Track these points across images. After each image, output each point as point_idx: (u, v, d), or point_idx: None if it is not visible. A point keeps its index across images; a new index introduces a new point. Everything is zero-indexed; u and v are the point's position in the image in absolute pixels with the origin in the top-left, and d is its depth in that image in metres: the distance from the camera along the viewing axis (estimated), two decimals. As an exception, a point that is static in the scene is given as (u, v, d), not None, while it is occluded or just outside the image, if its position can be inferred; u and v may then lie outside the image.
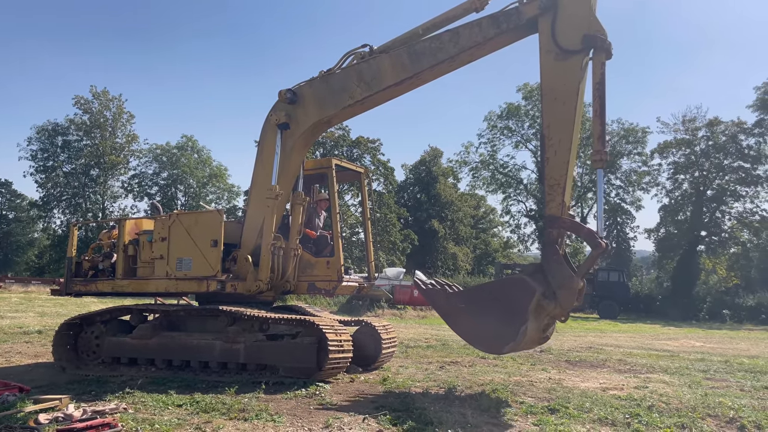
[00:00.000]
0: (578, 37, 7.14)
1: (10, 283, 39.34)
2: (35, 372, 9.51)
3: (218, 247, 9.12)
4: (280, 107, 9.27)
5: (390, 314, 27.71)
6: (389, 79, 8.47)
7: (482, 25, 7.83)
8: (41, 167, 61.90)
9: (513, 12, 7.66)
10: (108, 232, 11.05)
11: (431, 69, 8.26)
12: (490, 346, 7.86)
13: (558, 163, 7.28)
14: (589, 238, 7.14)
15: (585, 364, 11.85)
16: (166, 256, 9.43)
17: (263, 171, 9.38)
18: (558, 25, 7.26)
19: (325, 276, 9.67)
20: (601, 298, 36.10)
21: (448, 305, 8.06)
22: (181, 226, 9.42)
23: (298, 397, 7.65)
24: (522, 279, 7.32)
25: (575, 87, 7.23)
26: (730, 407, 7.55)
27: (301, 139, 9.36)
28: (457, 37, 7.96)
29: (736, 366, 12.17)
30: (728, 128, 45.82)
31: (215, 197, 67.15)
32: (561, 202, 7.24)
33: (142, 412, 6.71)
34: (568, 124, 7.25)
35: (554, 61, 7.31)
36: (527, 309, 7.04)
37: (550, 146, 7.33)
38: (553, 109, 7.33)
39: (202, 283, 9.14)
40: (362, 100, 8.74)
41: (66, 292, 10.56)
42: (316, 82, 9.16)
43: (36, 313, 20.92)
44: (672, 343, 18.95)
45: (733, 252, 48.18)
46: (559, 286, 7.12)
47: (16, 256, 75.47)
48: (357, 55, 8.94)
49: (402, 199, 59.12)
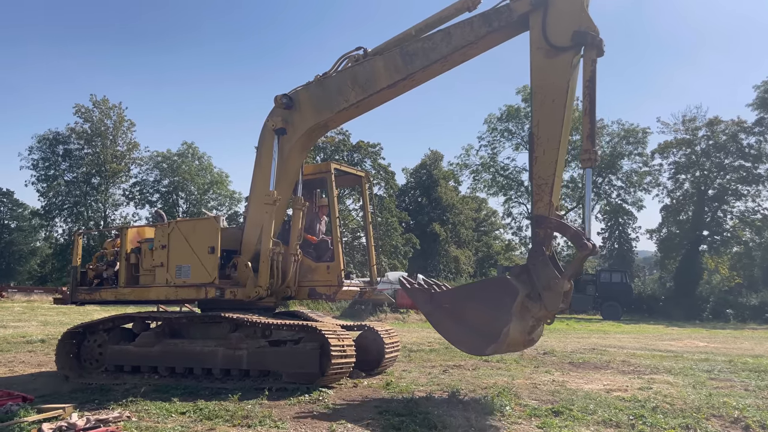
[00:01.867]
0: (568, 33, 7.00)
1: (13, 292, 39.38)
2: (38, 381, 9.51)
3: (215, 254, 9.11)
4: (276, 112, 9.29)
5: (393, 318, 27.68)
6: (383, 81, 8.42)
7: (474, 23, 7.74)
8: (43, 176, 62.05)
9: (504, 9, 7.55)
10: (112, 240, 11.09)
11: (424, 70, 8.18)
12: (473, 347, 7.53)
13: (546, 162, 7.12)
14: (575, 239, 6.90)
15: (588, 366, 11.83)
16: (166, 263, 9.45)
17: (262, 177, 9.40)
18: (549, 21, 7.13)
19: (326, 281, 9.64)
20: (604, 299, 35.98)
21: (431, 305, 7.86)
22: (180, 233, 9.44)
23: (302, 403, 7.64)
24: (505, 279, 7.14)
25: (565, 84, 7.10)
26: (735, 407, 7.53)
27: (299, 144, 9.36)
28: (449, 36, 7.87)
29: (740, 366, 12.14)
30: (728, 127, 45.83)
31: (216, 204, 67.23)
32: (549, 201, 7.07)
33: (146, 420, 6.71)
34: (557, 122, 7.10)
35: (544, 58, 7.18)
36: (510, 310, 6.84)
37: (539, 145, 7.18)
38: (543, 106, 7.19)
39: (201, 290, 9.15)
40: (357, 103, 8.71)
41: (71, 301, 10.58)
42: (312, 87, 9.16)
43: (39, 322, 20.93)
44: (675, 343, 18.92)
45: (735, 251, 48.15)
46: (544, 288, 6.89)
47: (18, 266, 75.59)
48: (351, 58, 8.91)
49: (403, 202, 59.18)
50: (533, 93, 7.37)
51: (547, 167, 7.11)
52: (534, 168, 7.20)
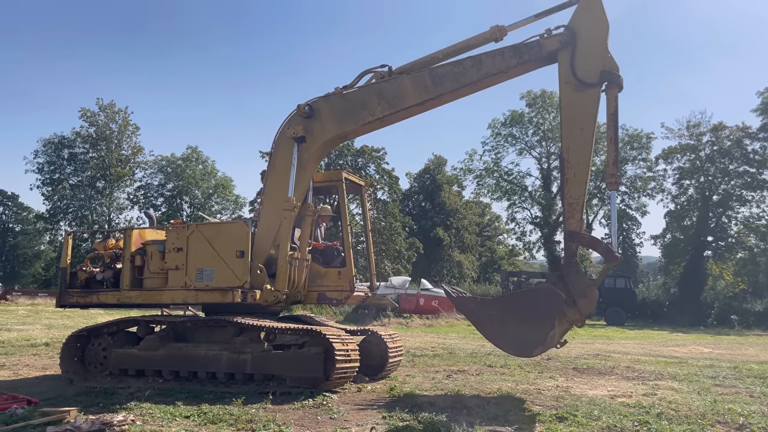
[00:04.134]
0: (596, 71, 7.86)
1: (17, 295, 39.55)
2: (43, 384, 9.53)
3: (245, 257, 9.06)
4: (297, 121, 9.40)
5: (396, 323, 27.65)
6: (411, 99, 8.83)
7: (504, 54, 8.40)
8: (48, 180, 62.34)
9: (534, 44, 8.28)
10: (102, 241, 10.74)
11: (453, 92, 8.70)
12: (519, 349, 8.29)
13: (577, 184, 7.95)
14: (606, 253, 7.81)
15: (593, 372, 11.80)
16: (184, 266, 9.32)
17: (276, 183, 9.48)
18: (577, 59, 7.96)
19: (337, 286, 9.92)
20: (608, 305, 35.83)
21: (480, 313, 8.50)
22: (201, 236, 9.34)
23: (306, 408, 7.64)
24: (551, 288, 7.79)
25: (592, 115, 7.97)
26: (740, 414, 7.50)
27: (316, 153, 9.56)
28: (480, 64, 8.48)
29: (745, 372, 12.08)
30: (733, 133, 45.67)
31: (221, 208, 67.38)
32: (580, 218, 7.90)
33: (150, 423, 6.73)
34: (586, 148, 7.95)
35: (574, 91, 7.99)
36: (555, 315, 7.60)
37: (569, 168, 8.00)
38: (572, 134, 8.01)
39: (227, 294, 9.02)
40: (383, 117, 9.05)
41: (60, 304, 10.21)
42: (333, 98, 9.34)
43: (43, 326, 20.99)
44: (680, 349, 18.84)
45: (740, 257, 47.87)
46: (580, 294, 7.76)
47: (23, 269, 75.86)
48: (377, 74, 9.20)
49: (407, 207, 59.21)
50: (563, 121, 8.17)
51: (578, 188, 7.96)
52: (566, 189, 8.04)
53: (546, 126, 56.22)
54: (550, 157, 56.25)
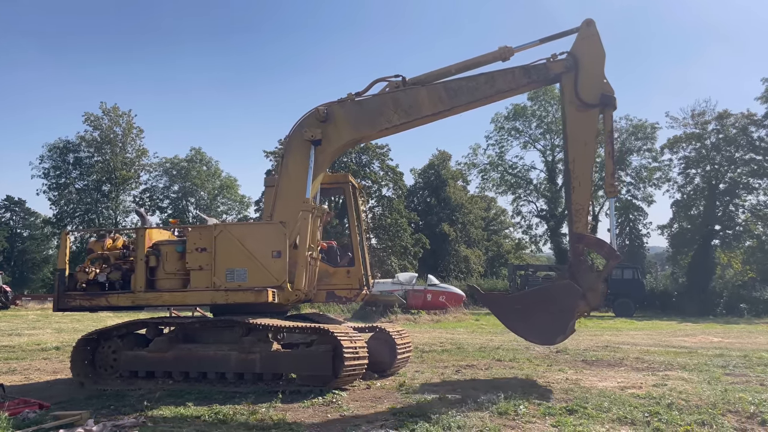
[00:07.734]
0: (597, 94, 9.02)
1: (27, 300, 39.74)
2: (54, 388, 9.59)
3: (282, 257, 9.05)
4: (314, 124, 9.55)
5: (404, 319, 27.63)
6: (426, 109, 9.45)
7: (515, 73, 9.38)
8: (54, 185, 62.50)
9: (542, 67, 9.35)
10: (98, 241, 10.48)
11: (467, 105, 9.49)
12: (543, 338, 9.54)
13: (582, 192, 9.03)
14: (609, 253, 8.94)
15: (602, 364, 11.78)
16: (212, 266, 9.25)
17: (290, 184, 9.59)
18: (580, 82, 9.08)
19: (346, 284, 10.31)
20: (616, 296, 35.64)
21: (506, 307, 9.67)
22: (230, 236, 9.28)
23: (315, 406, 7.67)
24: (571, 284, 8.84)
25: (594, 131, 9.20)
26: (751, 402, 7.48)
27: (330, 156, 9.86)
28: (493, 80, 9.37)
29: (755, 360, 12.04)
30: (738, 120, 45.34)
31: (227, 208, 67.47)
32: (585, 222, 9.03)
33: (162, 425, 6.76)
34: (589, 160, 9.08)
35: (577, 111, 9.12)
36: (574, 307, 8.79)
37: (575, 178, 9.07)
38: (576, 148, 9.13)
39: (261, 294, 8.95)
40: (399, 125, 9.59)
41: (58, 308, 9.80)
42: (348, 104, 9.62)
43: (53, 330, 21.10)
44: (689, 339, 18.78)
45: (748, 245, 47.57)
46: (589, 289, 8.80)
47: (31, 274, 76.20)
48: (392, 84, 9.65)
49: (412, 203, 59.08)
50: (568, 137, 9.31)
51: (583, 195, 9.05)
52: (572, 196, 9.11)
53: (549, 119, 55.96)
54: (555, 150, 56.04)
